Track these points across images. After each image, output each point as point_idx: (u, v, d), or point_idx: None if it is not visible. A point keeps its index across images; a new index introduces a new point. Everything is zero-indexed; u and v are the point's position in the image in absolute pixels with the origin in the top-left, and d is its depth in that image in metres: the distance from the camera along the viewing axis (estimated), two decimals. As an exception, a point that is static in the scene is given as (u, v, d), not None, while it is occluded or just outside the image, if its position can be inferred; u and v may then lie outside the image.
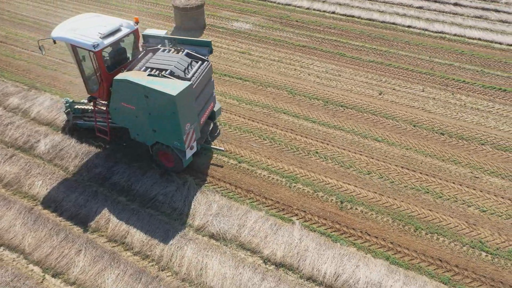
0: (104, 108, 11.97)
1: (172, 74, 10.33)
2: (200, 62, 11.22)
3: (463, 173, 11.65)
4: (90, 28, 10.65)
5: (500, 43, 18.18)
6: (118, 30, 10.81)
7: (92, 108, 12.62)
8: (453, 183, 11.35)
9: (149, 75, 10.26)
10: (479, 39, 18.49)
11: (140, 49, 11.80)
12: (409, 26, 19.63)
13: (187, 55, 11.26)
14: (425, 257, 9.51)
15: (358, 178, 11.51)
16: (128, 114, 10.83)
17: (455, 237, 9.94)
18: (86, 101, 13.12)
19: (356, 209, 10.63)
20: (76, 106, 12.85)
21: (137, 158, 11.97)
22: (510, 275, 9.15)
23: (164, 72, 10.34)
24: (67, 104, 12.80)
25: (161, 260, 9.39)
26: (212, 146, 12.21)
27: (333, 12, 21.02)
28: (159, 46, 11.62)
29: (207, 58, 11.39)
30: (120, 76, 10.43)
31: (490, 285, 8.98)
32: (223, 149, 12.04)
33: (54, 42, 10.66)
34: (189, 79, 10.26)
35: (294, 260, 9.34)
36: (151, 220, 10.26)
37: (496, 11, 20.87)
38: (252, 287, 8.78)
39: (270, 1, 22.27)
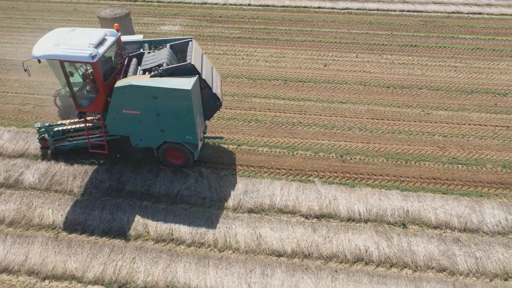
0: (90, 124, 11.70)
1: (169, 65, 10.55)
2: (187, 45, 11.49)
3: (417, 112, 14.21)
4: (75, 41, 10.34)
5: (394, 10, 21.71)
6: (104, 39, 10.69)
7: (76, 126, 12.21)
8: (414, 121, 13.81)
9: (151, 76, 10.45)
10: (377, 9, 21.79)
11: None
12: (318, 7, 22.12)
13: (172, 47, 11.55)
14: (423, 180, 11.65)
15: (343, 134, 13.26)
16: (130, 121, 10.81)
17: (435, 159, 12.30)
18: (62, 121, 12.57)
19: (355, 158, 12.35)
20: (55, 129, 12.17)
21: (140, 164, 11.96)
22: (484, 175, 11.79)
23: (161, 66, 10.54)
24: (42, 130, 12.05)
25: (217, 243, 9.88)
26: (212, 136, 12.75)
27: (249, 4, 22.52)
28: (141, 51, 11.74)
29: (191, 38, 11.70)
30: (121, 83, 10.41)
31: (474, 186, 11.48)
32: (222, 137, 12.69)
33: (39, 61, 10.15)
34: (188, 63, 10.47)
35: (330, 209, 10.67)
36: (187, 213, 10.58)
37: (380, -15, 24.63)
38: (309, 239, 9.89)
39: (186, 2, 22.84)
